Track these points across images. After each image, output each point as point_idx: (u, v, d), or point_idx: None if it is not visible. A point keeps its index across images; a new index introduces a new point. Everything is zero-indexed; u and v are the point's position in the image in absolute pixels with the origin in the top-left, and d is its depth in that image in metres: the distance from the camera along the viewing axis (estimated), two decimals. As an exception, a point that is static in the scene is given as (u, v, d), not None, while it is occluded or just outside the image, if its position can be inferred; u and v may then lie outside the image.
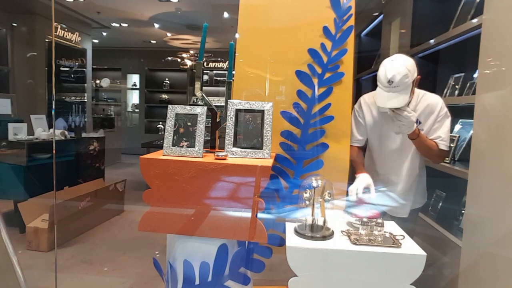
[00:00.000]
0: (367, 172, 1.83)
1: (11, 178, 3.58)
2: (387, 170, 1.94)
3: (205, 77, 8.79)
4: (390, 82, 1.65)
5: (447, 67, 2.77)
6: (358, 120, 1.93)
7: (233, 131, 1.58)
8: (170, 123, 1.56)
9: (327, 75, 1.79)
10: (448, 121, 1.80)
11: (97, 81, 8.67)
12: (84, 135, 5.07)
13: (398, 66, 1.65)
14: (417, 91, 1.85)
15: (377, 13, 4.17)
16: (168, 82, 8.83)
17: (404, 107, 1.65)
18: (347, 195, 1.77)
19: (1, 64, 5.12)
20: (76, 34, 6.17)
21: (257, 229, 1.44)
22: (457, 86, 2.46)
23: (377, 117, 1.89)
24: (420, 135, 1.72)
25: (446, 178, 2.17)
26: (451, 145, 2.31)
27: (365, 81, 4.65)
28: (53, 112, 5.33)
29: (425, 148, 1.78)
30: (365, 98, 1.93)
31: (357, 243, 1.37)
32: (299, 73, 1.79)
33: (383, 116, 1.87)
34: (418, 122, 1.82)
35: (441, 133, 1.79)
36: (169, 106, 1.59)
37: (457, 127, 2.45)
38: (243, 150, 1.56)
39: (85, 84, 6.50)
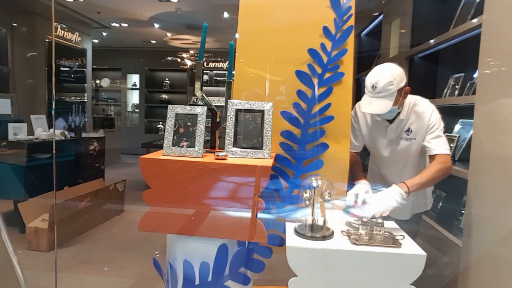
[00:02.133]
0: (366, 179, 1.83)
1: (11, 178, 3.58)
2: (387, 172, 1.95)
3: (205, 77, 8.79)
4: (373, 87, 1.65)
5: (447, 67, 2.77)
6: (354, 127, 1.93)
7: (233, 131, 1.58)
8: (170, 123, 1.56)
9: (327, 75, 1.79)
10: (440, 126, 1.74)
11: (97, 81, 8.67)
12: (84, 135, 5.07)
13: (384, 72, 1.65)
14: (410, 98, 1.81)
15: (377, 13, 4.17)
16: (168, 82, 8.83)
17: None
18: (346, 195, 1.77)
19: (1, 64, 5.12)
20: (76, 34, 6.17)
21: (257, 229, 1.44)
22: (457, 86, 2.46)
23: (371, 123, 1.90)
24: (414, 186, 1.62)
25: (446, 178, 2.17)
26: (451, 145, 2.31)
27: (365, 81, 4.64)
28: (53, 112, 5.33)
29: (432, 182, 1.70)
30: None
31: (357, 243, 1.37)
32: (299, 73, 1.79)
33: (376, 123, 1.87)
34: (409, 130, 1.81)
35: (439, 143, 1.72)
36: (169, 106, 1.59)
37: (457, 127, 2.45)
38: (243, 150, 1.56)
39: (85, 84, 6.50)
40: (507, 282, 1.43)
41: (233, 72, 1.83)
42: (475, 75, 2.22)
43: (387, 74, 1.64)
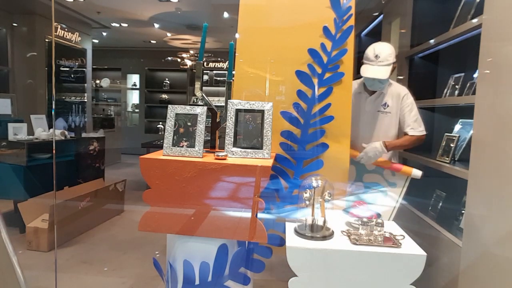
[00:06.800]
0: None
1: (11, 178, 3.57)
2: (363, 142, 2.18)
3: (205, 77, 8.78)
4: (377, 56, 1.95)
5: (447, 67, 2.77)
6: None
7: (233, 131, 1.58)
8: (170, 123, 1.56)
9: (327, 75, 1.79)
10: (414, 109, 2.09)
11: (97, 81, 8.66)
12: (84, 135, 5.07)
13: (385, 45, 2.01)
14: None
15: (377, 13, 4.17)
16: (168, 82, 8.82)
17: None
18: (347, 195, 1.77)
19: (1, 64, 5.11)
20: (76, 34, 6.17)
21: (257, 229, 1.44)
22: (457, 86, 2.45)
23: (353, 97, 2.08)
24: (389, 146, 2.02)
25: (446, 178, 2.17)
26: (451, 145, 2.31)
27: (365, 81, 4.64)
28: (53, 112, 5.33)
29: (404, 147, 2.15)
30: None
31: (357, 243, 1.37)
32: (299, 73, 1.79)
33: (356, 96, 2.14)
34: (386, 105, 2.13)
35: (409, 122, 2.07)
36: (169, 106, 1.59)
37: (457, 127, 2.45)
38: (243, 150, 1.56)
39: (85, 84, 6.49)
40: (507, 282, 1.43)
41: (233, 72, 1.83)
42: (475, 75, 2.22)
43: (388, 47, 2.00)
